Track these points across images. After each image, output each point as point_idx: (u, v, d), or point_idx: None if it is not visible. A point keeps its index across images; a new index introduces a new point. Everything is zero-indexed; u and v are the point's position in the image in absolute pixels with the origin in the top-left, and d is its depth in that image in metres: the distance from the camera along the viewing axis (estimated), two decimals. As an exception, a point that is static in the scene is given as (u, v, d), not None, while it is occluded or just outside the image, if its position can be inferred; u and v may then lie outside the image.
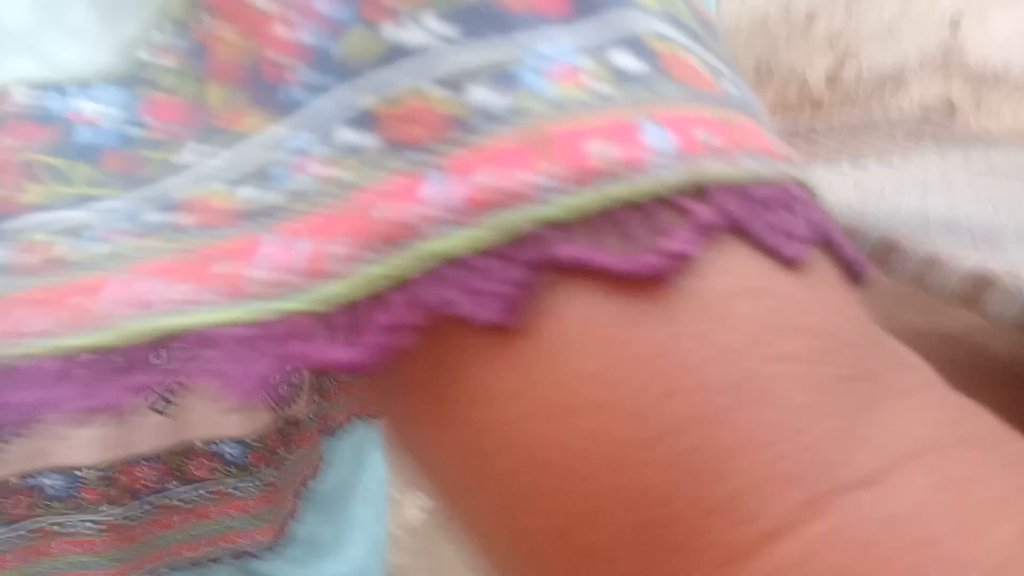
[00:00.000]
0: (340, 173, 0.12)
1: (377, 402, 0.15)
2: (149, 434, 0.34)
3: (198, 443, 0.36)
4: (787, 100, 3.50)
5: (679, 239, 0.11)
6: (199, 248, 0.13)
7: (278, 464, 0.39)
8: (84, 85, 0.15)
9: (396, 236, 0.11)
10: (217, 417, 0.36)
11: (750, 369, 0.11)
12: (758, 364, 0.11)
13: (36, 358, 0.14)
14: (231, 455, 0.37)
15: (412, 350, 0.12)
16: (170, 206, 0.14)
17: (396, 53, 0.12)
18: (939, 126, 2.10)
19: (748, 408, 0.11)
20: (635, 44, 0.12)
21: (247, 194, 0.13)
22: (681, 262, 0.11)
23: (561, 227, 0.11)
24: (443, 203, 0.11)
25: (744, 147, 0.12)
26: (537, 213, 0.11)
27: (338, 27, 0.12)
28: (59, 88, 0.16)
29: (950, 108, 3.20)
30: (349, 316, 0.12)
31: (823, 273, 0.12)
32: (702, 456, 0.10)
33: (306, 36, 0.12)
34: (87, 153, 0.15)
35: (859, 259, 0.13)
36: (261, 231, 0.13)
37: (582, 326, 0.11)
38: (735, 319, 0.11)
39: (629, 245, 0.11)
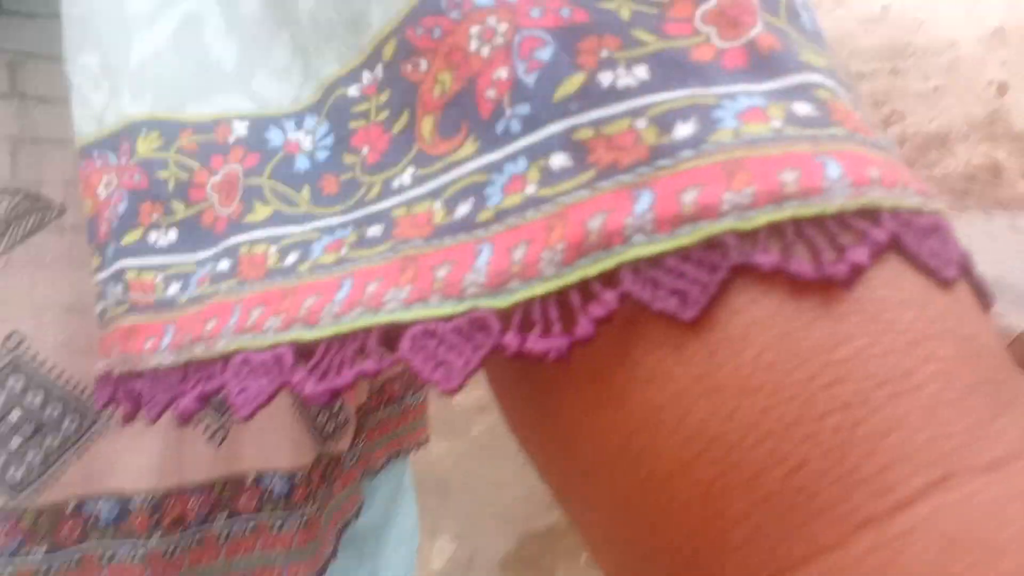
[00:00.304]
0: (554, 192, 0.14)
1: (513, 386, 0.17)
2: (203, 463, 0.35)
3: (248, 476, 0.36)
4: (829, 159, 3.47)
5: (858, 253, 0.13)
6: (421, 256, 0.15)
7: (320, 501, 0.40)
8: (298, 118, 0.18)
9: (608, 243, 0.13)
10: (268, 449, 0.37)
11: (909, 366, 0.12)
12: (916, 363, 0.12)
13: (273, 349, 0.16)
14: (278, 490, 0.37)
15: (595, 340, 0.13)
16: (391, 221, 0.16)
17: (610, 95, 0.14)
18: (985, 189, 2.07)
19: (905, 398, 0.12)
20: (809, 95, 0.14)
21: (464, 210, 0.15)
22: (860, 273, 0.13)
23: (755, 239, 0.13)
24: (651, 215, 0.13)
25: (905, 184, 0.14)
26: (737, 225, 0.13)
27: (558, 73, 0.14)
28: (276, 121, 0.18)
29: (996, 171, 3.16)
30: (554, 311, 0.13)
31: (968, 295, 0.14)
32: (860, 434, 0.12)
33: (528, 79, 0.14)
34: (308, 178, 0.17)
35: (988, 289, 0.15)
36: (478, 241, 0.14)
37: (763, 321, 0.13)
38: (899, 324, 0.13)
39: (814, 257, 0.13)
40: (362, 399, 0.44)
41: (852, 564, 0.12)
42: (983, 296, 0.15)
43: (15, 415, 0.33)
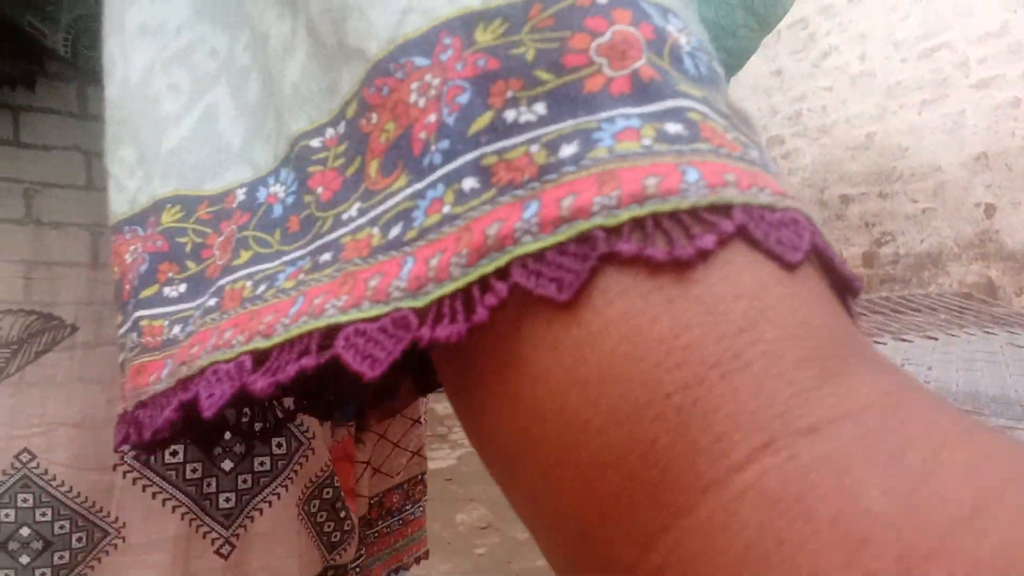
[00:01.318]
0: (464, 209, 0.17)
1: (455, 398, 0.19)
2: None
3: None
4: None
5: (706, 240, 0.15)
6: (358, 271, 0.18)
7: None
8: (276, 173, 0.22)
9: (502, 245, 0.16)
10: (275, 561, 0.37)
11: (739, 349, 0.14)
12: (745, 345, 0.14)
13: (235, 360, 0.19)
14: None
15: (491, 345, 0.16)
16: (339, 248, 0.19)
17: (513, 129, 0.17)
18: (981, 305, 2.10)
19: (735, 376, 0.14)
20: (680, 116, 0.16)
21: (395, 232, 0.18)
22: (706, 256, 0.15)
23: (619, 232, 0.15)
24: (536, 219, 0.16)
25: (760, 186, 0.16)
26: (605, 221, 0.15)
27: (472, 113, 0.17)
28: (263, 180, 0.22)
29: (991, 290, 3.20)
30: (459, 304, 0.16)
31: (814, 282, 0.16)
32: (698, 410, 0.14)
33: (449, 120, 0.17)
34: (279, 222, 0.21)
35: (851, 274, 0.17)
36: (404, 255, 0.17)
37: (619, 319, 0.15)
38: (732, 314, 0.15)
39: (669, 244, 0.15)
40: (363, 511, 0.44)
41: (699, 527, 0.14)
42: (848, 282, 0.17)
43: (24, 532, 0.33)
